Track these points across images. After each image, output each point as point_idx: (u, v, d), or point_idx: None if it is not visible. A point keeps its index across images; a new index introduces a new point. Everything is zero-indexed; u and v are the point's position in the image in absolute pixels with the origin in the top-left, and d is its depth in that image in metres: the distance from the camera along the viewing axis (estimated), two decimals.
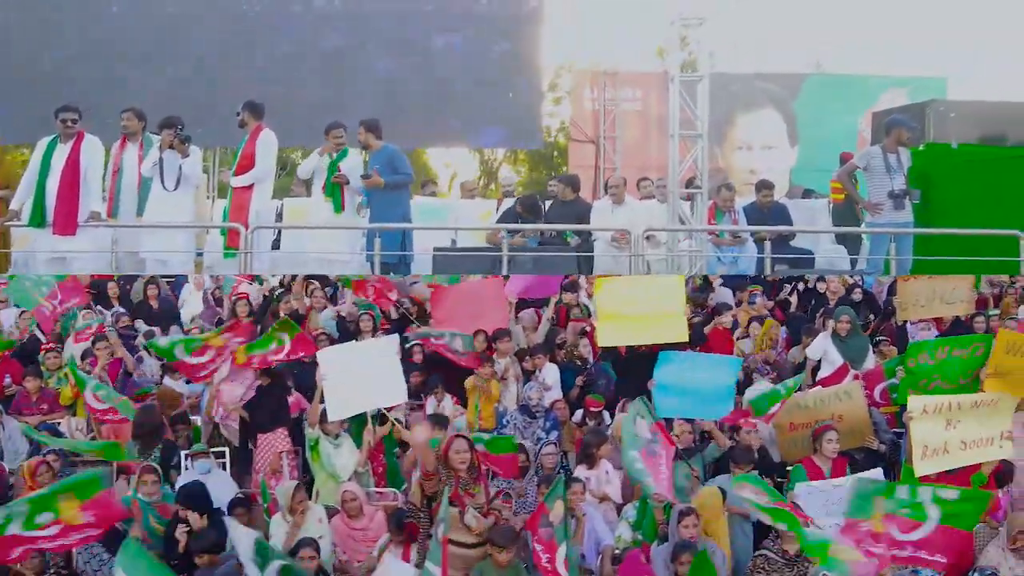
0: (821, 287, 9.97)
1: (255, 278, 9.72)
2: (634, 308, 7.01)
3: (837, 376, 7.51)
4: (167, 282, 10.13)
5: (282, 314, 8.25)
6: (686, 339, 7.11)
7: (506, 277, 8.71)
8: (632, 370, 7.47)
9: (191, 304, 10.02)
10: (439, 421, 6.90)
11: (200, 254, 9.79)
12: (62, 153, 8.16)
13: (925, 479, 5.91)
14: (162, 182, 8.45)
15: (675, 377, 6.74)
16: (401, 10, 13.15)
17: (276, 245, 10.36)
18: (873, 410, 7.25)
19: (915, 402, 6.05)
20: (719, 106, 15.42)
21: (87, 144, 8.24)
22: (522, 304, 9.25)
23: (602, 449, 6.68)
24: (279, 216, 11.27)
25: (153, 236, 8.53)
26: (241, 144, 8.81)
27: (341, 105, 12.65)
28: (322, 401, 6.79)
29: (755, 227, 9.63)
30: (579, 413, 7.67)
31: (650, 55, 22.49)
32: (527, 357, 8.12)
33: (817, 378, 7.87)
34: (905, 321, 8.79)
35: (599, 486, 6.53)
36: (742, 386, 7.98)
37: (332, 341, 8.16)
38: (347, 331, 8.86)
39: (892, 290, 9.54)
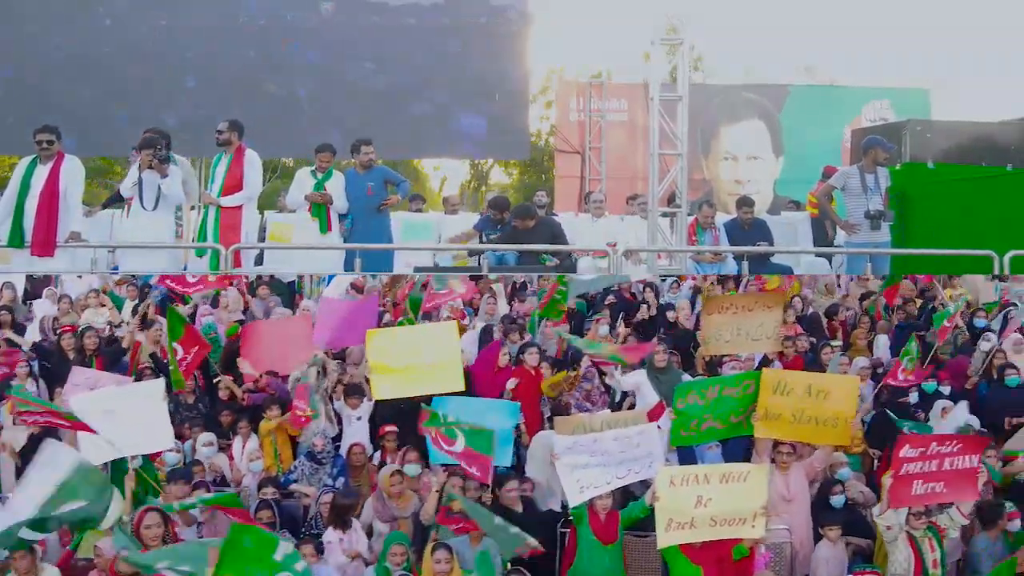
0: (671, 316, 9.51)
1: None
2: (407, 359, 6.75)
3: (652, 417, 7.11)
4: None
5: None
6: (461, 387, 6.82)
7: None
8: (408, 417, 7.26)
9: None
10: (183, 476, 6.67)
11: (184, 269, 9.83)
12: (41, 174, 8.15)
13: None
14: (141, 202, 8.42)
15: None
16: (391, 24, 13.12)
17: (259, 261, 10.38)
18: None
19: (662, 475, 5.92)
20: (704, 117, 15.57)
21: (67, 165, 8.24)
22: None
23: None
24: (262, 231, 11.29)
25: (132, 257, 8.53)
26: (221, 161, 8.80)
27: (331, 116, 12.71)
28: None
29: (733, 248, 9.69)
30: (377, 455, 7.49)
31: (637, 64, 22.57)
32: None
33: None
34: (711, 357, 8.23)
35: (351, 546, 6.39)
36: None
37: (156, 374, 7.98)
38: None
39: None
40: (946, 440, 6.03)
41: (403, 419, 7.32)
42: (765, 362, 7.92)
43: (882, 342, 9.10)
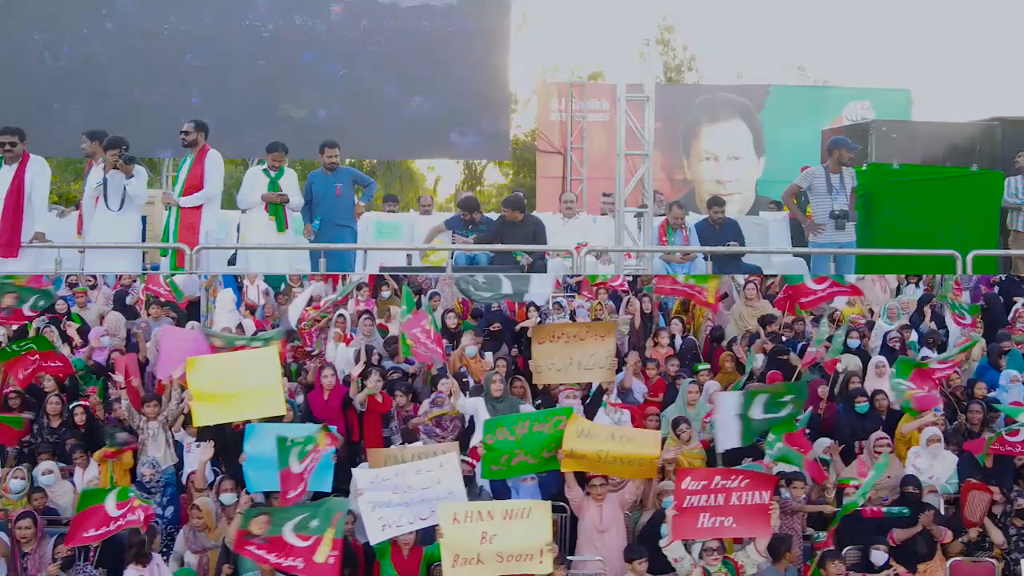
0: None
1: None
2: (228, 385, 6.67)
3: (475, 455, 7.03)
4: None
5: None
6: (283, 411, 6.85)
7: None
8: (230, 444, 7.03)
9: None
10: None
11: (156, 268, 9.86)
12: (6, 175, 8.19)
13: None
14: (106, 202, 8.47)
15: (266, 449, 6.48)
16: (401, 26, 13.10)
17: (232, 261, 10.40)
18: None
19: (445, 511, 5.89)
20: (685, 118, 15.61)
21: (32, 165, 8.28)
22: None
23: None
24: (238, 230, 11.30)
25: (98, 257, 8.57)
26: (186, 163, 8.86)
27: (326, 119, 12.73)
28: None
29: (700, 248, 9.70)
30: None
31: (626, 64, 22.58)
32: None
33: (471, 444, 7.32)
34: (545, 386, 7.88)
35: None
36: None
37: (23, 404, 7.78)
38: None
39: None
40: (732, 475, 6.06)
41: (225, 446, 7.04)
42: (600, 392, 7.73)
43: (760, 360, 8.55)
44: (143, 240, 9.35)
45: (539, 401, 7.91)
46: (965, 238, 8.82)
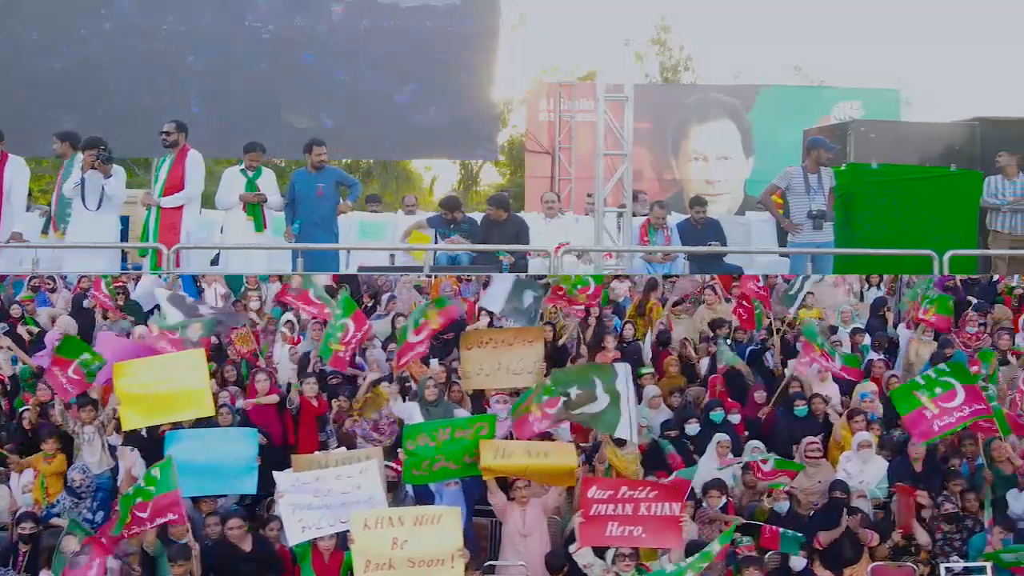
0: None
1: None
2: (155, 387, 6.67)
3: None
4: None
5: None
6: (212, 413, 6.87)
7: None
8: (155, 448, 6.90)
9: None
10: None
11: (138, 268, 9.89)
12: None
13: None
14: (84, 202, 8.48)
15: (189, 454, 6.47)
16: (390, 26, 13.10)
17: (215, 262, 10.43)
18: None
19: (356, 517, 5.89)
20: (674, 118, 15.60)
21: (11, 165, 8.35)
22: None
23: None
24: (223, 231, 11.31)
25: (75, 257, 8.61)
26: (165, 163, 8.87)
27: (318, 120, 12.77)
28: None
29: (679, 248, 9.71)
30: None
31: (622, 65, 22.64)
32: None
33: None
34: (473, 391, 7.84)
35: None
36: None
37: None
38: None
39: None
40: (639, 486, 6.09)
41: (154, 450, 6.94)
42: None
43: (704, 364, 8.63)
44: (123, 240, 9.39)
45: (473, 407, 7.90)
46: (944, 238, 8.79)
